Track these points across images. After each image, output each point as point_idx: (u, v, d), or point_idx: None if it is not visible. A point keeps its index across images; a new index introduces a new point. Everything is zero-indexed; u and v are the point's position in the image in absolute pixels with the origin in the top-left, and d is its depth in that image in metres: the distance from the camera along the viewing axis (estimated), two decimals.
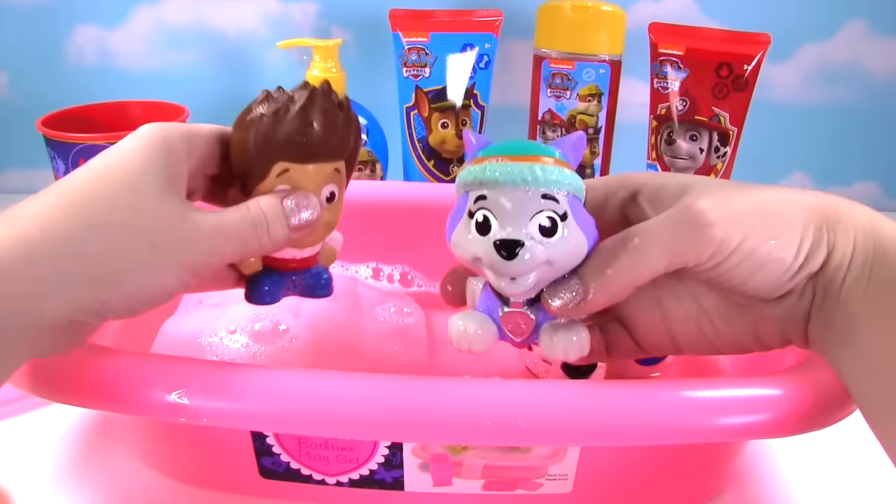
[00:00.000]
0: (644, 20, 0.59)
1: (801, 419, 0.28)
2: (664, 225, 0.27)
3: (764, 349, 0.30)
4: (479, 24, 0.60)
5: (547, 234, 0.26)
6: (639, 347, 0.32)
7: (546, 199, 0.27)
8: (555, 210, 0.27)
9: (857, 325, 0.26)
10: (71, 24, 0.68)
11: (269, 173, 0.30)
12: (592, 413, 0.28)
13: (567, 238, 0.27)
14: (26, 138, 0.59)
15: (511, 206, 0.27)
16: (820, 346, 0.29)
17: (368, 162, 0.60)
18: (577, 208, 0.28)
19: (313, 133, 0.29)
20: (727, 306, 0.30)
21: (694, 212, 0.26)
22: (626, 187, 0.31)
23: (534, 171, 0.27)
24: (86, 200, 0.26)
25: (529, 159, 0.27)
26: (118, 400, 0.28)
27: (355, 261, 0.50)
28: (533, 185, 0.27)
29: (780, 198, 0.28)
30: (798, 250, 0.27)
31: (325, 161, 0.31)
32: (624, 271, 0.27)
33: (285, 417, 0.28)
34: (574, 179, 0.28)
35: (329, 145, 0.30)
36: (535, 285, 0.28)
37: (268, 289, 0.32)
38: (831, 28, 0.67)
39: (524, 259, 0.26)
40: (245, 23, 0.68)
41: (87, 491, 0.35)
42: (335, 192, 0.32)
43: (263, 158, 0.30)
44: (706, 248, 0.26)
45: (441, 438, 0.30)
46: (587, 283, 0.27)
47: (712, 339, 0.30)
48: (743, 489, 0.36)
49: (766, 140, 0.70)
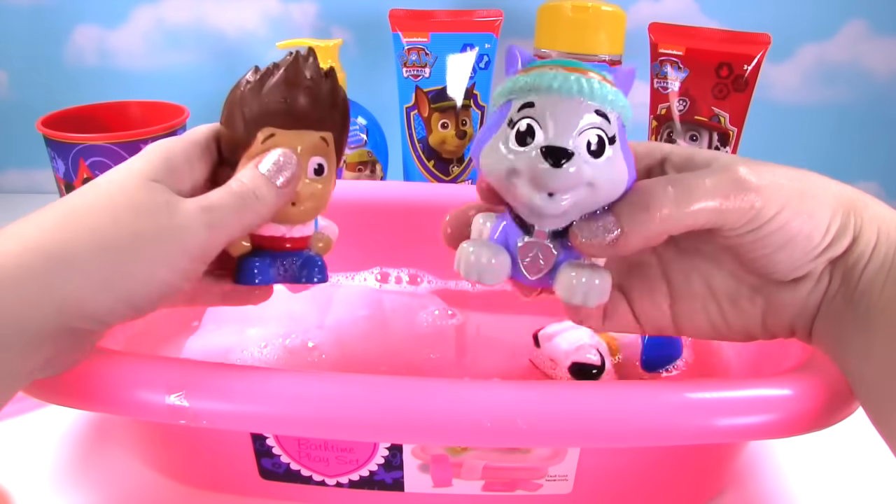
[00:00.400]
0: (644, 20, 0.59)
1: (804, 420, 0.28)
2: (712, 178, 0.26)
3: (768, 337, 0.30)
4: (479, 24, 0.60)
5: (593, 153, 0.24)
6: (636, 322, 0.31)
7: (599, 115, 0.25)
8: (606, 129, 0.25)
9: (872, 320, 0.26)
10: (71, 24, 0.68)
11: (256, 139, 0.30)
12: (592, 414, 0.28)
13: (613, 162, 0.25)
14: (26, 138, 0.59)
15: (562, 116, 0.24)
16: (825, 341, 0.28)
17: (368, 162, 0.60)
18: (623, 138, 0.26)
19: (297, 95, 0.30)
20: (737, 288, 0.29)
21: (739, 175, 0.26)
22: (654, 154, 0.30)
23: (591, 84, 0.25)
24: (67, 208, 0.27)
25: (586, 73, 0.25)
26: (117, 402, 0.28)
27: (359, 268, 0.50)
28: (589, 97, 0.25)
29: (815, 179, 0.28)
30: (827, 230, 0.27)
31: (311, 129, 0.31)
32: (665, 216, 0.25)
33: (285, 419, 0.28)
34: (627, 105, 0.26)
35: (314, 111, 0.30)
36: (569, 210, 0.25)
37: (258, 269, 0.31)
38: (831, 28, 0.67)
39: (570, 171, 0.24)
40: (245, 23, 0.68)
41: (87, 491, 0.35)
42: (323, 164, 0.31)
43: (250, 124, 0.30)
44: (748, 211, 0.26)
45: (441, 440, 0.30)
46: (623, 221, 0.26)
47: (717, 323, 0.30)
48: (744, 489, 0.36)
49: (766, 140, 0.70)
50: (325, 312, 0.45)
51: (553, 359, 0.38)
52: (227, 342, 0.41)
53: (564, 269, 0.26)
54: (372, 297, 0.47)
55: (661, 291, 0.30)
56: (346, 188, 0.49)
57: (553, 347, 0.37)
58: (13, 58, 0.69)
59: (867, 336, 0.26)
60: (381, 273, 0.50)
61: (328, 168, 0.32)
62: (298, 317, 0.44)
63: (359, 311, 0.46)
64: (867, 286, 0.27)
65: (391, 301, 0.47)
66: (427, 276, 0.50)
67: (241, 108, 0.30)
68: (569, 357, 0.36)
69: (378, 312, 0.46)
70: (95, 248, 0.26)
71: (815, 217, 0.26)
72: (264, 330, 0.42)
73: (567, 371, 0.37)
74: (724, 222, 0.26)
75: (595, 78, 0.25)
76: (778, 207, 0.26)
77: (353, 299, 0.46)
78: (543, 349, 0.38)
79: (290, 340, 0.41)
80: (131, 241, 0.26)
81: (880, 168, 0.73)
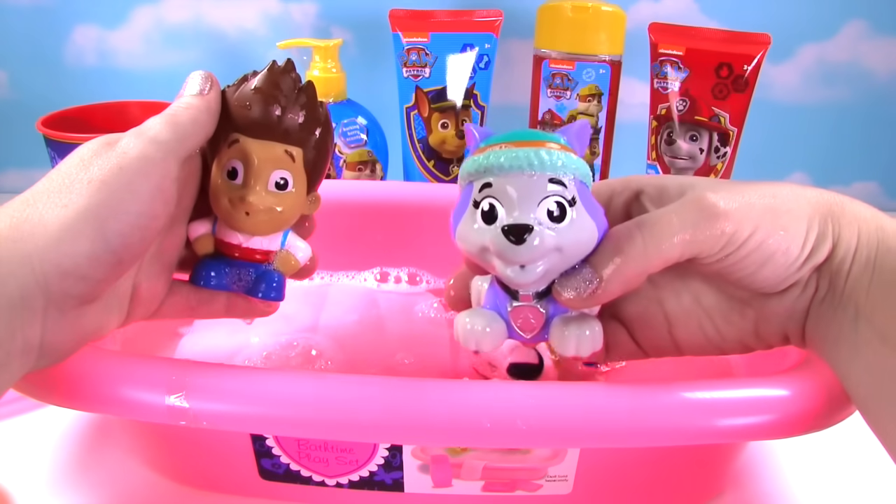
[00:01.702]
0: (644, 20, 0.59)
1: (804, 420, 0.28)
2: (679, 213, 0.27)
3: (765, 347, 0.30)
4: (479, 24, 0.60)
5: (556, 219, 0.26)
6: (639, 349, 0.32)
7: (553, 183, 0.26)
8: (563, 195, 0.26)
9: (860, 320, 0.26)
10: (71, 24, 0.68)
11: (224, 143, 0.31)
12: (592, 414, 0.28)
13: (577, 224, 0.26)
14: (26, 138, 0.59)
15: (518, 192, 0.26)
16: (817, 343, 0.29)
17: (368, 162, 0.60)
18: (585, 195, 0.27)
19: (263, 105, 0.30)
20: (728, 304, 0.30)
21: (707, 203, 0.26)
22: (630, 188, 0.31)
23: (539, 155, 0.26)
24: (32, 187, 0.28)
25: (534, 144, 0.26)
26: (117, 403, 0.28)
27: (359, 268, 0.50)
28: (539, 169, 0.26)
29: (787, 192, 0.28)
30: (805, 241, 0.27)
31: (276, 140, 0.30)
32: (639, 258, 0.26)
33: (285, 420, 0.28)
34: (580, 165, 0.27)
35: (279, 124, 0.30)
36: (544, 275, 0.26)
37: (213, 273, 0.32)
38: (831, 28, 0.67)
39: (533, 244, 0.25)
40: (245, 22, 0.68)
41: (87, 491, 0.35)
42: (287, 179, 0.31)
43: (221, 128, 0.31)
44: (720, 238, 0.26)
45: (441, 441, 0.30)
46: (600, 270, 0.27)
47: (714, 338, 0.30)
48: (743, 490, 0.36)
49: (766, 140, 0.70)
50: (320, 312, 0.45)
51: (491, 362, 0.37)
52: (221, 343, 0.41)
53: (556, 325, 0.28)
54: (366, 296, 0.47)
55: (659, 316, 0.31)
56: (347, 188, 0.49)
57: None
58: (13, 58, 0.69)
59: (856, 337, 0.26)
60: (381, 273, 0.50)
61: (294, 184, 0.31)
62: (291, 316, 0.44)
63: (353, 311, 0.46)
64: (853, 288, 0.27)
65: (386, 300, 0.47)
66: (427, 276, 0.50)
67: (218, 111, 0.31)
68: (506, 359, 0.36)
69: (373, 311, 0.46)
70: (54, 200, 0.26)
71: (791, 231, 0.27)
72: (258, 330, 0.42)
73: (506, 373, 0.37)
74: (699, 252, 0.27)
75: (542, 148, 0.26)
76: (751, 229, 0.26)
77: (346, 299, 0.46)
78: (482, 354, 0.37)
79: (294, 352, 0.41)
80: (86, 182, 0.27)
81: (880, 168, 0.73)
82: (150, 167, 0.28)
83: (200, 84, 0.30)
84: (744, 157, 0.58)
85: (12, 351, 0.25)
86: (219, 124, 0.31)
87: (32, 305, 0.25)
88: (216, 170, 0.31)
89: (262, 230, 0.32)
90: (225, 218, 0.31)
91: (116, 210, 0.26)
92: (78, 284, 0.26)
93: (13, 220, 0.26)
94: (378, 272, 0.50)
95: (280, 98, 0.30)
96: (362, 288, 0.49)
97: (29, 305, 0.25)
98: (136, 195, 0.27)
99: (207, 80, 0.31)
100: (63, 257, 0.25)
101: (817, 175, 0.73)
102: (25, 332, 0.25)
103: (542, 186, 0.26)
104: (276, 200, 0.31)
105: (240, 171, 0.30)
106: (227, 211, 0.31)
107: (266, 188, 0.30)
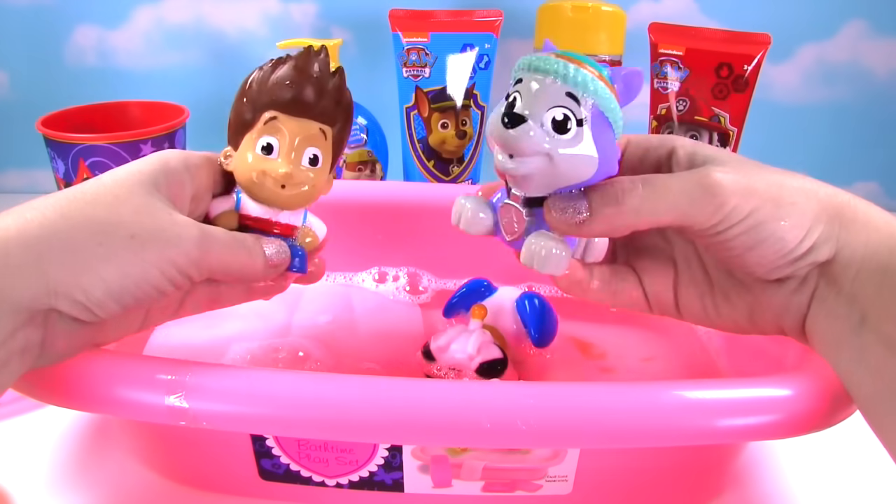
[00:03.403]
0: (644, 20, 0.59)
1: (805, 420, 0.28)
2: (681, 184, 0.27)
3: (758, 332, 0.31)
4: (479, 24, 0.60)
5: (558, 129, 0.26)
6: (646, 301, 0.32)
7: (569, 97, 0.27)
8: (572, 110, 0.27)
9: (866, 325, 0.26)
10: (71, 24, 0.68)
11: (259, 121, 0.32)
12: (592, 415, 0.28)
13: (576, 142, 0.27)
14: (26, 138, 0.59)
15: (535, 92, 0.27)
16: (817, 341, 0.29)
17: (368, 162, 0.60)
18: (600, 125, 0.27)
19: (304, 84, 0.32)
20: (728, 282, 0.31)
21: (711, 180, 0.27)
22: (665, 146, 0.31)
23: (567, 68, 0.27)
24: (69, 197, 0.27)
25: (574, 62, 0.27)
26: (116, 403, 0.28)
27: (358, 268, 0.50)
28: (562, 79, 0.27)
29: (797, 184, 0.28)
30: (805, 237, 0.27)
31: (312, 118, 0.32)
32: (631, 211, 0.27)
33: (285, 421, 0.28)
34: (605, 95, 0.27)
35: (318, 102, 0.32)
36: (531, 176, 0.27)
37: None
38: (831, 28, 0.67)
39: (522, 134, 0.26)
40: (245, 23, 0.68)
41: (86, 492, 0.35)
42: (318, 155, 0.32)
43: (256, 105, 0.32)
44: (714, 215, 0.27)
45: (441, 441, 0.30)
46: (593, 207, 0.27)
47: (710, 311, 0.31)
48: (744, 490, 0.36)
49: (766, 140, 0.70)
50: (294, 311, 0.45)
51: (454, 367, 0.38)
52: (194, 338, 0.41)
53: (531, 235, 0.29)
54: (338, 293, 0.47)
55: (669, 273, 0.32)
56: (346, 188, 0.49)
57: (450, 357, 0.37)
58: (13, 58, 0.69)
59: (860, 342, 0.26)
60: (380, 273, 0.50)
61: (322, 161, 0.33)
62: (265, 314, 0.44)
63: (326, 309, 0.46)
64: (860, 293, 0.27)
65: (361, 297, 0.47)
66: (426, 276, 0.50)
67: (250, 91, 0.32)
68: (474, 360, 0.37)
69: (349, 308, 0.46)
70: (92, 238, 0.26)
71: (790, 222, 0.27)
72: (233, 325, 0.42)
73: (475, 373, 0.37)
74: (691, 223, 0.27)
75: (582, 68, 0.27)
76: (747, 212, 0.27)
77: (319, 297, 0.46)
78: (441, 361, 0.38)
79: (282, 354, 0.41)
80: (127, 239, 0.27)
81: (880, 168, 0.73)
82: (184, 255, 0.28)
83: (275, 259, 0.32)
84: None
85: (13, 350, 0.25)
86: (248, 104, 0.32)
87: (38, 314, 0.26)
88: (247, 146, 0.32)
89: (295, 204, 0.33)
90: (256, 192, 0.32)
91: (141, 281, 0.27)
92: (84, 314, 0.27)
93: (46, 240, 0.26)
94: (377, 272, 0.50)
95: (320, 79, 0.32)
96: (332, 285, 0.49)
97: (35, 313, 0.26)
98: (162, 272, 0.28)
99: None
100: (78, 291, 0.26)
101: (817, 175, 0.72)
102: (28, 333, 0.26)
103: (558, 95, 0.27)
104: (310, 175, 0.32)
105: (275, 146, 0.32)
106: (261, 185, 0.32)
107: (300, 163, 0.32)
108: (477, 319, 0.39)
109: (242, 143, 0.32)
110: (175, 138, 0.56)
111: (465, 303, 0.44)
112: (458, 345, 0.37)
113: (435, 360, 0.38)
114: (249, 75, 0.33)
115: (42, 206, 0.27)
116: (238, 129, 0.33)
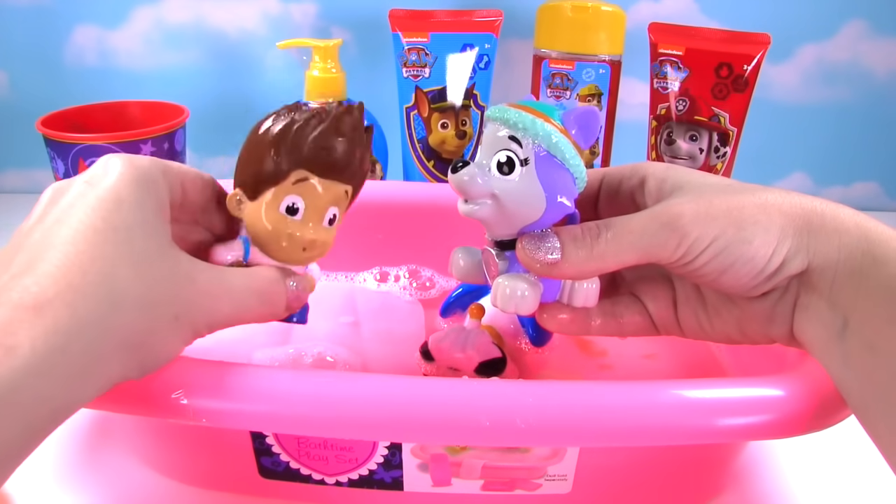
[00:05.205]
0: (644, 20, 0.59)
1: (804, 420, 0.28)
2: (641, 224, 0.28)
3: (751, 343, 0.31)
4: (479, 24, 0.60)
5: (502, 171, 0.29)
6: (652, 324, 0.33)
7: (511, 140, 0.29)
8: (515, 152, 0.29)
9: (848, 330, 0.26)
10: (71, 24, 0.68)
11: (287, 178, 0.30)
12: (591, 413, 0.28)
13: (519, 181, 0.29)
14: (26, 138, 0.59)
15: (486, 138, 0.30)
16: (808, 347, 0.29)
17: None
18: (547, 165, 0.29)
19: (342, 148, 0.30)
20: (718, 298, 0.31)
21: (670, 216, 0.28)
22: (637, 175, 0.32)
23: (509, 113, 0.29)
24: (106, 271, 0.25)
25: (525, 109, 0.30)
26: (116, 401, 0.28)
27: (359, 268, 0.50)
28: (505, 125, 0.29)
29: (759, 201, 0.28)
30: (773, 253, 0.27)
31: (342, 181, 0.31)
32: (597, 256, 0.28)
33: (285, 418, 0.28)
34: (546, 136, 0.29)
35: (350, 165, 0.31)
36: (488, 219, 0.30)
37: None
38: (831, 28, 0.67)
39: (464, 177, 0.29)
40: (245, 23, 0.68)
41: (87, 490, 0.35)
42: (337, 215, 0.32)
43: (286, 162, 0.30)
44: (677, 249, 0.28)
45: (440, 439, 0.30)
46: (565, 251, 0.29)
47: (705, 326, 0.32)
48: (743, 490, 0.36)
49: (765, 140, 0.70)
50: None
51: (453, 367, 0.38)
52: (212, 350, 0.41)
53: (500, 277, 0.31)
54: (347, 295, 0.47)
55: (668, 292, 0.33)
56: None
57: (449, 357, 0.37)
58: (13, 58, 0.69)
59: (845, 346, 0.26)
60: (381, 273, 0.50)
61: (339, 218, 0.32)
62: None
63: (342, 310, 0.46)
64: (839, 299, 0.27)
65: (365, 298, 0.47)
66: (426, 276, 0.50)
67: (282, 145, 0.30)
68: (474, 360, 0.37)
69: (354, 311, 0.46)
70: (130, 320, 0.25)
71: (756, 242, 0.27)
72: (237, 332, 0.42)
73: (473, 373, 0.37)
74: (656, 259, 0.28)
75: (528, 113, 0.29)
76: (710, 240, 0.27)
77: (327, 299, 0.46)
78: (440, 361, 0.38)
79: (308, 359, 0.40)
80: (173, 321, 0.27)
81: (880, 168, 0.73)
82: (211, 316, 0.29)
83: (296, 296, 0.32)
84: (744, 157, 0.58)
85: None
86: (279, 159, 0.30)
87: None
88: (271, 205, 0.30)
89: (311, 262, 0.33)
90: (273, 251, 0.31)
91: (172, 355, 0.28)
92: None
93: (93, 342, 0.24)
94: (378, 272, 0.50)
95: (355, 140, 0.31)
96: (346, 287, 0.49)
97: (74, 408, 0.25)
98: (191, 340, 0.29)
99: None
100: (118, 377, 0.26)
101: (817, 175, 0.73)
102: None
103: (502, 140, 0.29)
104: (329, 235, 0.32)
105: (301, 208, 0.30)
106: (283, 247, 0.31)
107: (321, 224, 0.31)
108: (475, 319, 0.39)
109: (264, 198, 0.30)
110: (175, 138, 0.56)
111: (462, 302, 0.44)
112: (457, 345, 0.37)
113: (434, 360, 0.38)
114: (277, 121, 0.30)
115: (83, 285, 0.24)
116: (261, 181, 0.30)
